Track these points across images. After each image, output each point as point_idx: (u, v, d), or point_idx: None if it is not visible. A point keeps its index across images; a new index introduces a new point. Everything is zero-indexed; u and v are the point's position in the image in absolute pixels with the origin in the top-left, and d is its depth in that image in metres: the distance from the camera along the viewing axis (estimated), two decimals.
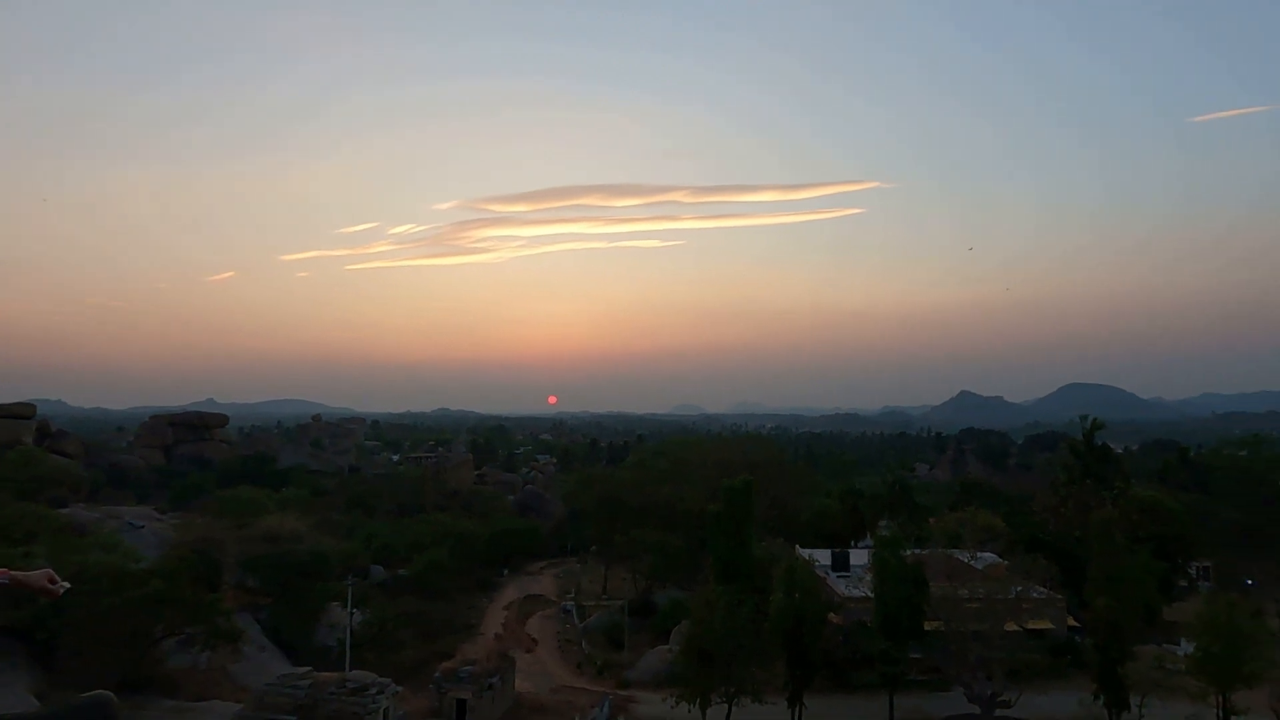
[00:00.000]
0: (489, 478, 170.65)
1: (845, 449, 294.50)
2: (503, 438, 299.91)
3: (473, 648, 62.33)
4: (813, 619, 44.20)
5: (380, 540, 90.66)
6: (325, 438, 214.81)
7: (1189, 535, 72.91)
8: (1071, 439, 76.47)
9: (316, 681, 39.91)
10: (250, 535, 67.42)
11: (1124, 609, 42.80)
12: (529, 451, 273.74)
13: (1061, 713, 43.80)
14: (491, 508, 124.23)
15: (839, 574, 63.72)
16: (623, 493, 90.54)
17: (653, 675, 55.19)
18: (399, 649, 60.71)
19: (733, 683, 41.61)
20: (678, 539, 78.08)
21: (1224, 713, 41.11)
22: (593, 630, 71.27)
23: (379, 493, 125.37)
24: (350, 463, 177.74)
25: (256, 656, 54.73)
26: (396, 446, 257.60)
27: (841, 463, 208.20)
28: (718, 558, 54.46)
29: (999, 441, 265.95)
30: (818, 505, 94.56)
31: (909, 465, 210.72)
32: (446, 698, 44.43)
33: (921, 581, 44.68)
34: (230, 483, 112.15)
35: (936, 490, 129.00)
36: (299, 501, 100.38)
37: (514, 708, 48.75)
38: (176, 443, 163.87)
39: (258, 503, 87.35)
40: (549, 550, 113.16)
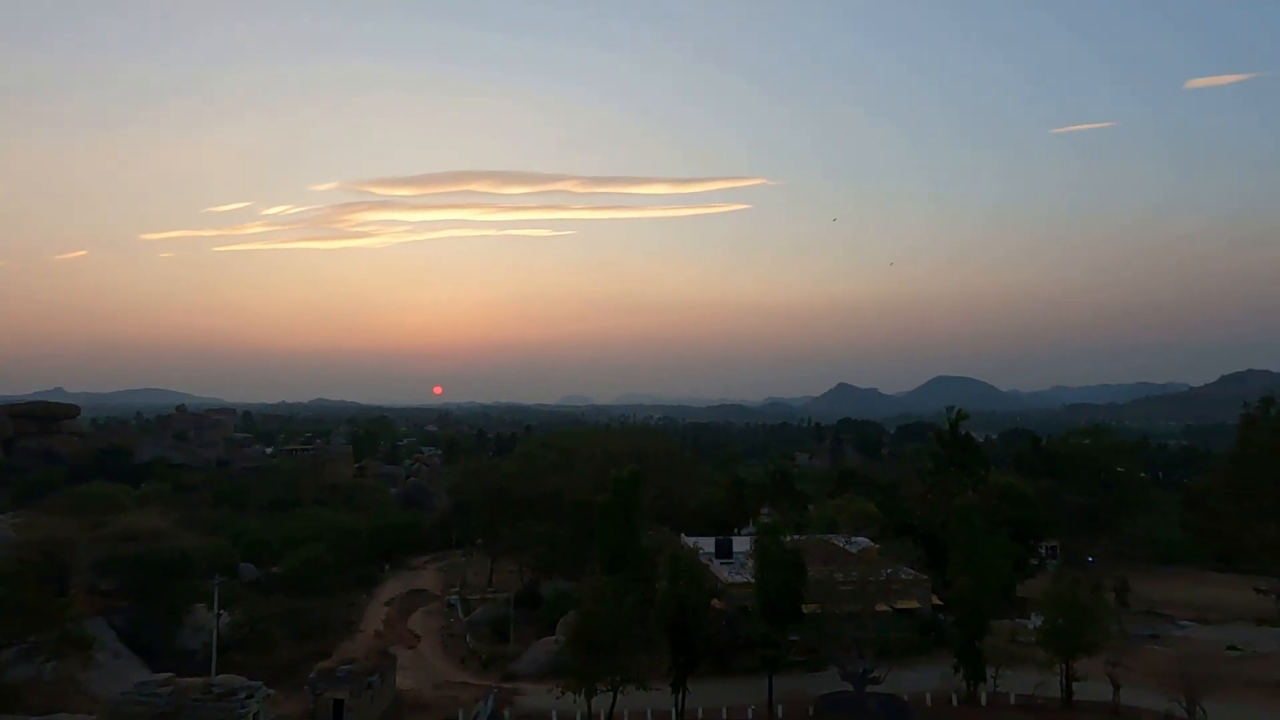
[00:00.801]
0: (370, 470, 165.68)
1: (730, 439, 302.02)
2: (385, 429, 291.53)
3: (351, 646, 60.29)
4: (697, 606, 45.07)
5: (252, 537, 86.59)
6: (191, 430, 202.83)
7: (1040, 518, 78.80)
8: (938, 429, 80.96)
9: (179, 688, 37.57)
10: (105, 535, 62.74)
11: (982, 588, 45.80)
12: (413, 443, 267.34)
13: (926, 685, 46.48)
14: (373, 501, 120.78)
15: (723, 561, 65.25)
16: (510, 484, 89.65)
17: (539, 667, 54.99)
18: (271, 650, 58.06)
19: (618, 671, 41.96)
20: (565, 530, 78.00)
21: (1067, 679, 44.72)
22: (478, 624, 70.34)
23: (250, 487, 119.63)
24: (219, 456, 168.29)
25: (111, 664, 51.09)
26: (270, 439, 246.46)
27: (727, 453, 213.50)
28: (605, 548, 54.72)
29: (873, 432, 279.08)
30: (704, 494, 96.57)
31: (790, 455, 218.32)
32: (322, 699, 42.76)
33: (800, 566, 46.32)
34: (82, 478, 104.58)
35: (816, 478, 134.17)
36: (160, 497, 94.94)
37: (394, 706, 47.47)
38: (18, 436, 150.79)
39: (113, 499, 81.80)
40: (433, 544, 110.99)
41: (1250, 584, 56.71)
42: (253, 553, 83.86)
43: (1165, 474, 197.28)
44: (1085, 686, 44.89)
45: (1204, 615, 71.97)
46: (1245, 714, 43.14)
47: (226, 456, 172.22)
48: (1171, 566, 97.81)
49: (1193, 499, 59.39)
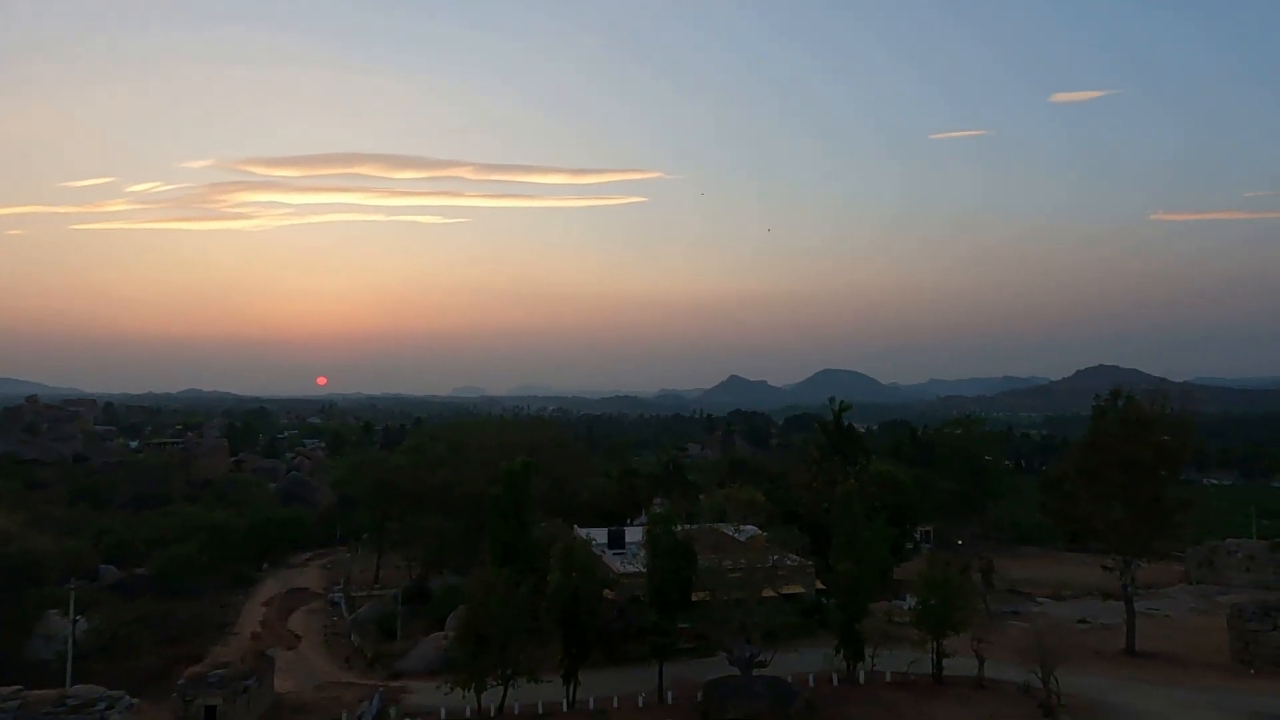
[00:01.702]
0: (247, 464, 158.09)
1: (624, 430, 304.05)
2: (264, 421, 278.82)
3: (225, 649, 57.34)
4: (589, 596, 45.17)
5: (114, 537, 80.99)
6: (43, 422, 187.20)
7: (916, 504, 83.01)
8: (823, 420, 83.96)
9: (27, 701, 34.69)
10: None
11: (862, 572, 47.86)
12: (295, 436, 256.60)
13: (810, 667, 48.25)
14: (250, 497, 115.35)
15: (615, 551, 65.67)
16: (398, 477, 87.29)
17: (427, 664, 53.87)
18: (136, 656, 54.40)
19: (509, 664, 41.59)
20: (456, 523, 76.60)
21: (937, 656, 47.39)
22: (363, 621, 68.23)
23: (112, 483, 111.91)
24: (76, 450, 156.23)
25: None
26: (135, 431, 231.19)
27: (620, 444, 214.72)
28: (496, 540, 54.05)
29: (763, 423, 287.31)
30: (596, 486, 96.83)
31: (682, 446, 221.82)
32: (193, 705, 40.42)
33: (690, 555, 47.12)
34: None
35: (707, 468, 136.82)
36: (8, 496, 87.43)
37: (273, 709, 45.43)
38: None
39: None
40: (316, 540, 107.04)
41: (1098, 562, 61.68)
42: (115, 554, 78.49)
43: (1027, 461, 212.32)
44: (953, 662, 47.66)
45: (1058, 592, 77.83)
46: (1091, 681, 46.93)
47: (85, 451, 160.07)
48: (1031, 547, 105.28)
49: (1048, 484, 63.88)
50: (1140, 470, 54.56)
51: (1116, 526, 55.59)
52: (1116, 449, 54.92)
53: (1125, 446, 54.62)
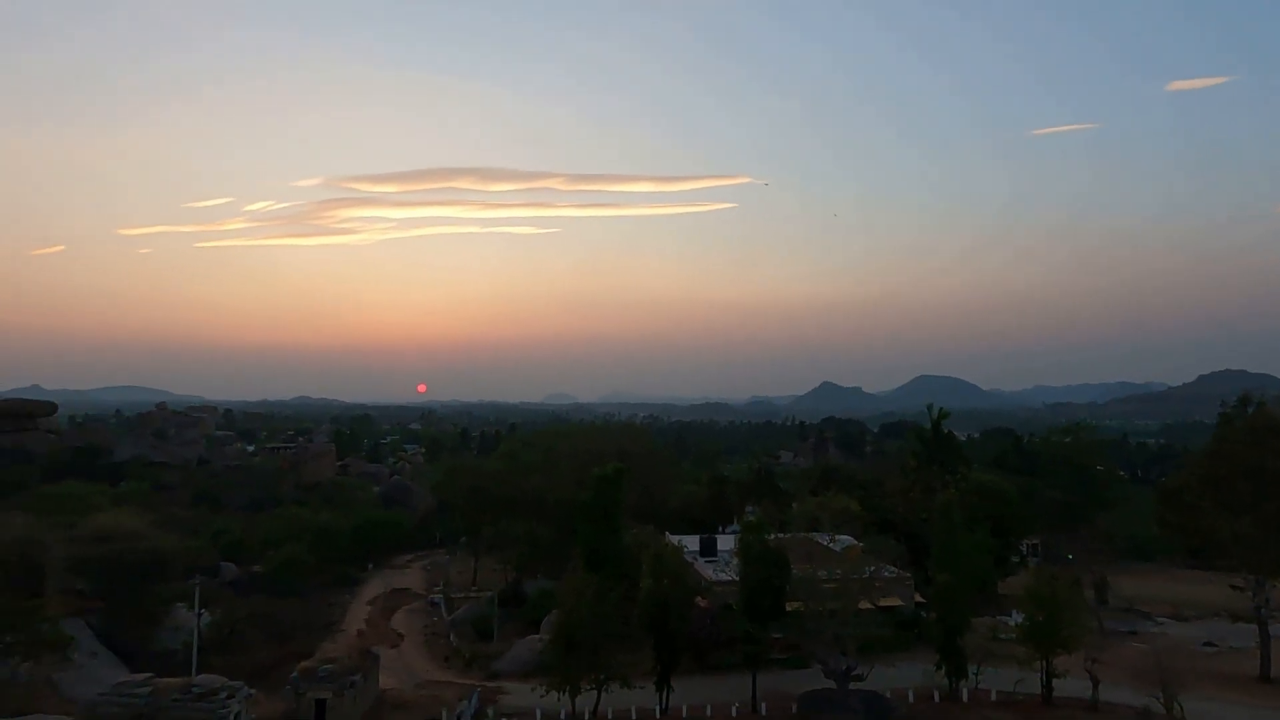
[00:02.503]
0: (353, 469, 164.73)
1: (714, 437, 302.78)
2: (368, 427, 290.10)
3: (333, 646, 59.91)
4: (680, 603, 45.14)
5: (231, 536, 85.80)
6: (170, 428, 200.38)
7: (1020, 515, 79.44)
8: (919, 427, 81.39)
9: (158, 688, 37.14)
10: (79, 535, 61.91)
11: (962, 584, 46.13)
12: (396, 441, 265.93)
13: (908, 682, 46.77)
14: (355, 500, 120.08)
15: (706, 559, 65.35)
16: (492, 483, 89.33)
17: (522, 665, 54.85)
18: (251, 650, 57.54)
19: (601, 669, 41.93)
20: (547, 529, 77.81)
21: (1047, 676, 45.15)
22: (461, 622, 70.06)
23: (230, 486, 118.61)
24: (199, 454, 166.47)
25: (88, 665, 50.52)
26: (251, 437, 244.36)
27: (710, 450, 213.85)
28: (586, 546, 54.66)
29: (856, 430, 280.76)
30: (686, 492, 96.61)
31: (773, 453, 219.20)
32: (304, 699, 42.40)
33: (783, 564, 46.46)
34: (57, 477, 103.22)
35: (798, 476, 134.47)
36: (138, 496, 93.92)
37: (377, 705, 47.17)
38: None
39: (88, 499, 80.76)
40: (416, 542, 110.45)
41: (1224, 580, 57.48)
42: (232, 552, 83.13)
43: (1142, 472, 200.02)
44: (1065, 683, 45.31)
45: (1180, 611, 72.93)
46: (1220, 709, 43.74)
47: (207, 455, 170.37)
48: (1148, 563, 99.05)
49: (1167, 495, 59.92)
50: (1270, 481, 50.72)
51: (1245, 541, 51.76)
52: (1244, 457, 51.24)
53: (1254, 455, 50.91)
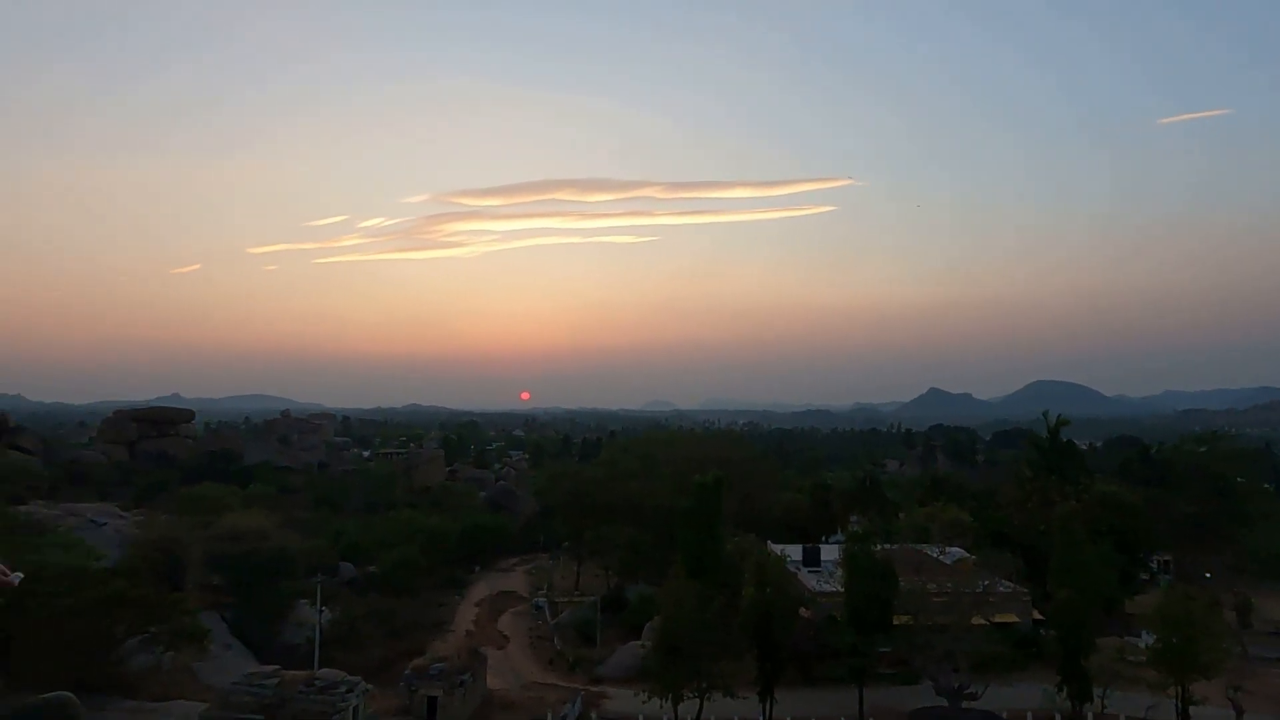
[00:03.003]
0: (460, 474, 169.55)
1: (816, 445, 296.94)
2: (475, 434, 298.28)
3: (443, 645, 61.91)
4: (783, 614, 44.47)
5: (349, 538, 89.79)
6: (293, 434, 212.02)
7: (1148, 529, 74.42)
8: (1035, 435, 77.63)
9: (284, 680, 39.37)
10: (214, 534, 66.33)
11: (1085, 601, 43.58)
12: (501, 448, 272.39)
13: (1027, 704, 44.52)
14: (463, 504, 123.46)
15: (810, 569, 64.19)
16: (593, 489, 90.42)
17: (625, 670, 55.21)
18: (367, 647, 60.10)
19: (703, 677, 41.75)
20: (648, 535, 78.16)
21: (1183, 703, 42.06)
22: (564, 626, 71.10)
23: (348, 489, 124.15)
24: (319, 459, 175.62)
25: (222, 655, 53.92)
26: (366, 443, 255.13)
27: (812, 459, 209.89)
28: (687, 553, 54.58)
29: (967, 438, 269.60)
30: (787, 500, 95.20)
31: (879, 461, 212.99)
32: (417, 695, 44.05)
33: (890, 576, 45.13)
34: (195, 479, 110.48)
35: (905, 486, 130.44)
36: (265, 498, 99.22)
37: (485, 705, 48.48)
38: (140, 439, 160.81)
39: (222, 500, 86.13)
40: (520, 546, 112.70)
41: None
42: (350, 553, 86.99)
43: None
44: (1202, 710, 42.13)
45: None
46: None
47: (326, 459, 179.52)
48: None
49: None
50: None
51: None
52: None
53: None
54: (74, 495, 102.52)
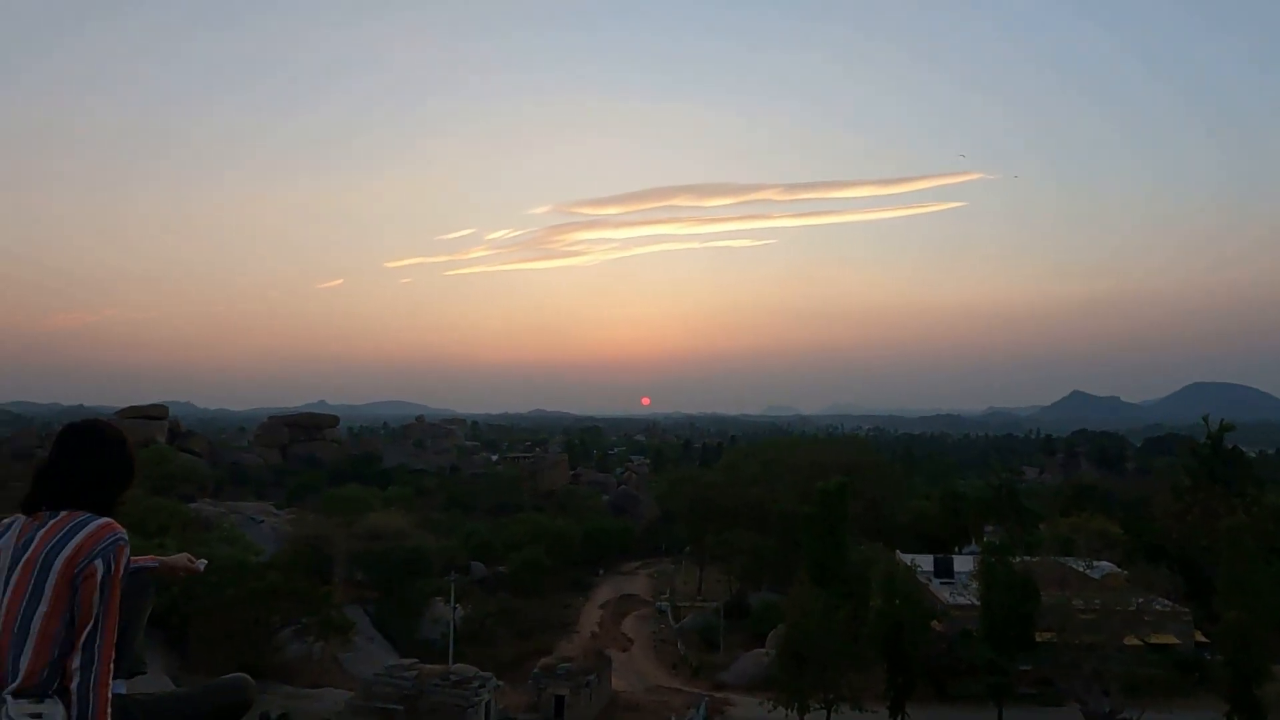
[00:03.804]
0: (583, 478, 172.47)
1: (946, 451, 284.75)
2: (597, 438, 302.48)
3: (569, 645, 63.24)
4: (914, 625, 42.91)
5: (479, 538, 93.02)
6: (427, 438, 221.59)
7: None
8: (1194, 441, 71.52)
9: (422, 673, 41.34)
10: (358, 532, 70.35)
11: (1259, 623, 39.74)
12: (623, 452, 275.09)
13: None
14: (586, 507, 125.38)
15: (942, 580, 61.61)
16: (714, 494, 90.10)
17: (748, 678, 54.73)
18: (497, 644, 62.16)
19: (830, 688, 40.83)
20: (771, 541, 77.19)
21: None
22: (687, 631, 71.18)
23: (477, 492, 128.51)
24: (450, 462, 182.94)
25: (365, 647, 57.15)
26: (494, 447, 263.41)
27: (942, 465, 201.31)
28: (812, 560, 53.50)
29: (1115, 444, 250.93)
30: (916, 508, 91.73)
31: (1016, 468, 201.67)
32: (545, 694, 45.22)
33: (1032, 590, 42.74)
34: (340, 481, 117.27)
35: (1045, 494, 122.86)
36: (402, 499, 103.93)
37: (610, 706, 49.19)
38: (292, 442, 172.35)
39: (364, 501, 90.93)
40: (642, 550, 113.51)
41: None
42: (480, 553, 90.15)
43: None
44: None
45: None
46: None
47: (457, 463, 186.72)
48: None
49: None
50: None
51: None
52: None
53: None
54: (235, 494, 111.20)
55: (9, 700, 2.90)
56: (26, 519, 3.20)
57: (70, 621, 3.03)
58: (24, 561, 3.05)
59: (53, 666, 2.98)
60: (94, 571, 3.06)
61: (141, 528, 54.17)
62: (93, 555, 3.08)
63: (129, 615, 3.34)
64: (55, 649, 2.99)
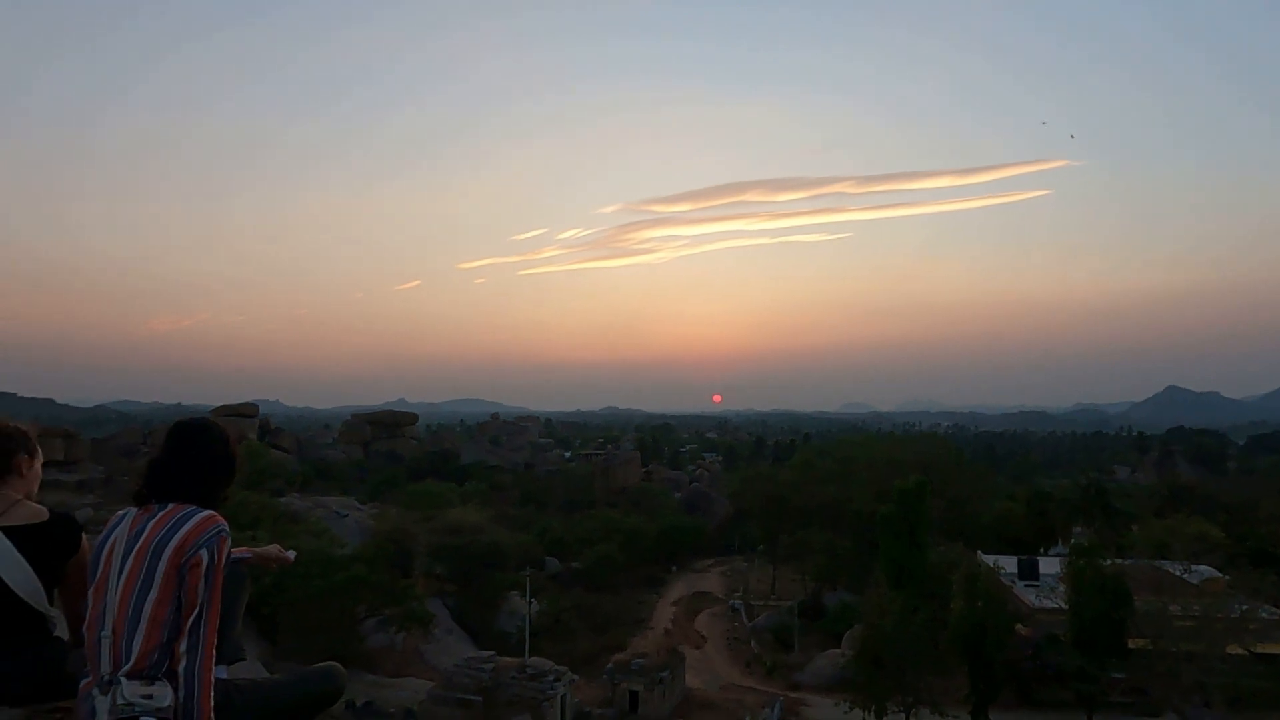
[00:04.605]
0: (656, 475, 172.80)
1: (1030, 449, 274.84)
2: (669, 436, 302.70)
3: (643, 641, 63.54)
4: (997, 629, 41.59)
5: (553, 534, 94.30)
6: (502, 435, 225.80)
7: None
8: None
9: (499, 665, 42.18)
10: (437, 526, 72.17)
11: None
12: (695, 450, 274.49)
13: None
14: (658, 505, 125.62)
15: (1026, 583, 59.51)
16: (787, 492, 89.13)
17: (823, 679, 54.03)
18: (572, 639, 62.90)
19: (909, 691, 39.96)
20: (846, 540, 75.94)
21: None
22: (761, 630, 70.68)
23: (551, 488, 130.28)
24: (525, 459, 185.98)
25: (445, 639, 58.64)
26: (567, 444, 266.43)
27: (1026, 464, 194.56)
28: (889, 561, 52.39)
29: (1215, 442, 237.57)
30: (999, 508, 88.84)
31: (1105, 467, 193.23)
32: (619, 689, 45.56)
33: (1124, 594, 40.92)
34: (419, 477, 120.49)
35: (1139, 495, 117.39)
36: (479, 495, 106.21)
37: (684, 703, 49.23)
38: (374, 439, 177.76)
39: (443, 496, 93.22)
40: (715, 548, 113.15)
41: None
42: (554, 548, 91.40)
43: None
44: None
45: None
46: None
47: (531, 460, 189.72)
48: None
49: None
50: None
51: None
52: None
53: None
54: (321, 489, 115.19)
55: (123, 681, 3.10)
56: (138, 511, 3.42)
57: (178, 608, 3.22)
58: (136, 551, 3.26)
59: (162, 650, 3.18)
60: (200, 561, 3.25)
61: (235, 521, 56.49)
62: (199, 545, 3.27)
63: (229, 603, 3.53)
64: (165, 634, 3.19)
